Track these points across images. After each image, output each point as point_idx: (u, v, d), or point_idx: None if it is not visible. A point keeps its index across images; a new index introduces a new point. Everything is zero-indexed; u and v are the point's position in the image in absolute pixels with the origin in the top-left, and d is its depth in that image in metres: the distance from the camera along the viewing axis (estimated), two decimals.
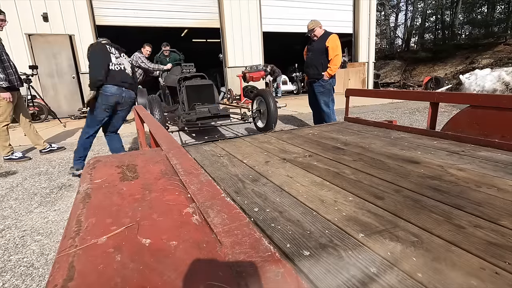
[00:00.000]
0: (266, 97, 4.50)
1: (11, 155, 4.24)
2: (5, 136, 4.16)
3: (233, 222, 0.50)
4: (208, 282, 0.38)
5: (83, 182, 0.67)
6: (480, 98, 2.04)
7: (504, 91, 8.49)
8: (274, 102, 4.44)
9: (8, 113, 4.03)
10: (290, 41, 13.67)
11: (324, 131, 2.66)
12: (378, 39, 26.38)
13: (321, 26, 4.26)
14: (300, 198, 1.26)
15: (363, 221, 1.04)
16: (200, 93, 4.59)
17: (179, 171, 0.71)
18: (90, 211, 0.55)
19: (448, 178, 1.40)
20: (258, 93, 4.85)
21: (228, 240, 0.46)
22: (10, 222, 2.44)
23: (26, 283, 1.70)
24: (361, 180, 1.42)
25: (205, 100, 4.59)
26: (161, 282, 0.40)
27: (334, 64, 4.13)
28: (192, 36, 14.57)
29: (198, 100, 4.54)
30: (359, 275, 0.76)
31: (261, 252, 0.42)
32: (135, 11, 8.76)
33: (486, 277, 0.74)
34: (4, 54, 3.87)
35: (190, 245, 0.47)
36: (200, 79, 4.73)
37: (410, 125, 5.54)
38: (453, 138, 2.12)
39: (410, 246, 0.87)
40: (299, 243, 0.92)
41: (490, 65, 13.25)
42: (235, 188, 1.42)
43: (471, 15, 22.55)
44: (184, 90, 4.48)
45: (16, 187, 3.23)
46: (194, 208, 0.56)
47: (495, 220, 1.00)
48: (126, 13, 8.73)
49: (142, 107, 2.72)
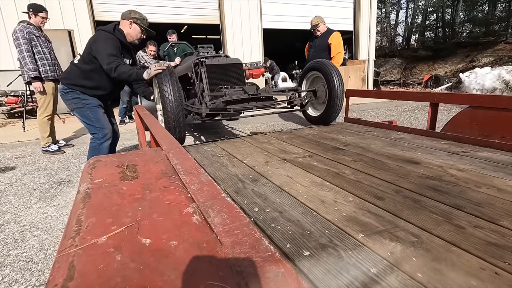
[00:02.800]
0: (327, 70, 2.86)
1: (48, 147, 4.34)
2: (45, 127, 4.27)
3: (233, 222, 0.50)
4: (208, 282, 0.38)
5: (83, 182, 0.67)
6: (480, 99, 2.04)
7: (504, 89, 8.48)
8: (339, 79, 2.81)
9: (47, 105, 4.19)
10: (290, 38, 13.63)
11: (324, 131, 2.66)
12: (379, 36, 26.31)
13: (324, 22, 4.25)
14: (300, 198, 1.26)
15: (363, 221, 1.04)
16: (226, 75, 3.34)
17: (179, 171, 0.70)
18: (90, 211, 0.55)
19: (448, 179, 1.40)
20: (312, 66, 3.09)
21: (228, 240, 0.45)
22: (9, 217, 2.44)
23: (26, 278, 1.70)
24: (361, 181, 1.42)
25: (233, 84, 3.30)
26: (161, 282, 0.39)
27: (336, 62, 4.13)
28: (192, 33, 14.51)
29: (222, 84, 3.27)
30: (359, 275, 0.76)
31: (261, 252, 0.42)
32: (135, 7, 8.71)
33: (486, 277, 0.74)
34: (44, 47, 4.08)
35: (190, 245, 0.46)
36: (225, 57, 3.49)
37: (410, 123, 5.55)
38: (453, 139, 2.12)
39: (410, 247, 0.88)
40: (299, 243, 0.92)
41: (490, 64, 13.24)
42: (235, 188, 1.42)
43: (472, 13, 22.49)
44: (205, 71, 3.20)
45: (15, 183, 3.23)
46: (194, 208, 0.56)
47: (495, 220, 1.00)
48: (125, 8, 8.68)
49: (142, 107, 2.72)
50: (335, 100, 2.81)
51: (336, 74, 2.80)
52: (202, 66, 3.25)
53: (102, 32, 2.61)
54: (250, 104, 2.90)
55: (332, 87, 2.79)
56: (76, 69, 2.67)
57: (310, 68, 3.12)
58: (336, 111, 2.89)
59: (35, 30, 4.01)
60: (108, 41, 2.54)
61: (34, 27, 4.02)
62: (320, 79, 3.05)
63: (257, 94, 2.90)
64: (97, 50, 2.53)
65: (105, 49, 2.51)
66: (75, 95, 2.66)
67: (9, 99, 7.55)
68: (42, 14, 4.08)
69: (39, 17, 4.06)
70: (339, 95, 2.80)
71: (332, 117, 2.93)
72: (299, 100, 3.17)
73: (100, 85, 2.71)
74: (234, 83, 3.32)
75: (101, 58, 2.50)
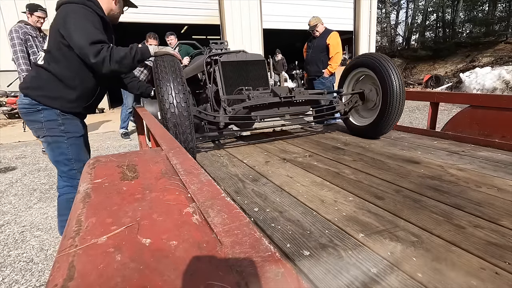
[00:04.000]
0: (381, 65, 2.19)
1: None
2: None
3: (233, 222, 0.50)
4: (208, 282, 0.38)
5: (83, 182, 0.67)
6: (480, 98, 2.04)
7: (504, 89, 8.48)
8: (399, 76, 2.17)
9: None
10: (291, 38, 13.63)
11: (324, 131, 2.66)
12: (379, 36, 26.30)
13: (322, 22, 4.25)
14: (300, 198, 1.26)
15: (363, 221, 1.04)
16: (246, 74, 2.71)
17: (179, 171, 0.70)
18: (90, 211, 0.55)
19: (448, 178, 1.40)
20: (360, 62, 2.44)
21: (228, 240, 0.45)
22: (9, 218, 2.44)
23: (26, 278, 1.70)
24: (361, 180, 1.42)
25: (255, 85, 2.66)
26: (161, 282, 0.39)
27: (334, 62, 4.14)
28: (192, 33, 14.52)
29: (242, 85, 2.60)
30: (359, 275, 0.76)
31: (261, 252, 0.42)
32: None
33: (486, 277, 0.74)
34: (40, 48, 3.98)
35: (190, 245, 0.46)
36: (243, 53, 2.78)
37: (410, 123, 5.56)
38: (453, 138, 2.12)
39: (410, 246, 0.88)
40: (299, 243, 0.92)
41: (490, 64, 13.24)
42: (235, 188, 1.42)
43: (472, 13, 22.49)
44: (219, 70, 2.58)
45: (16, 183, 3.23)
46: (194, 208, 0.56)
47: (495, 220, 1.00)
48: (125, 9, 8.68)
49: (142, 107, 2.69)
50: (394, 104, 2.12)
51: (395, 70, 2.16)
52: (216, 65, 2.63)
53: (72, 5, 1.60)
54: (281, 110, 2.22)
55: (390, 87, 2.12)
56: (45, 74, 1.65)
57: (356, 65, 2.46)
58: (394, 119, 2.20)
59: (32, 30, 3.98)
60: (87, 18, 1.59)
61: (32, 27, 3.99)
62: (369, 79, 2.41)
63: (291, 96, 2.19)
64: (71, 34, 1.54)
65: (84, 32, 1.54)
66: (51, 116, 1.67)
67: (9, 100, 7.56)
68: (38, 13, 4.02)
69: (35, 16, 4.01)
70: (400, 98, 2.12)
71: (387, 127, 2.26)
72: (342, 105, 2.47)
73: (84, 92, 1.74)
74: (256, 85, 2.67)
75: (81, 47, 1.53)
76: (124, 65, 1.64)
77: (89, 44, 1.52)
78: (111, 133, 5.79)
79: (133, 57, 1.65)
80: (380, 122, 2.23)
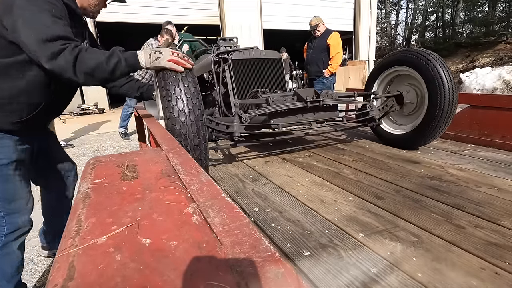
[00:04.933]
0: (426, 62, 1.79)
1: None
2: None
3: (233, 222, 0.50)
4: (208, 282, 0.38)
5: (83, 182, 0.67)
6: (480, 98, 2.04)
7: (504, 90, 8.48)
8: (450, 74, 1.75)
9: None
10: (291, 38, 13.63)
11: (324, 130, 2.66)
12: (379, 37, 26.31)
13: (323, 23, 4.26)
14: (300, 198, 1.26)
15: (363, 221, 1.04)
16: (260, 74, 2.36)
17: (179, 171, 0.70)
18: (90, 211, 0.55)
19: (448, 178, 1.40)
20: (396, 59, 2.04)
21: (228, 240, 0.45)
22: None
23: (26, 279, 1.70)
24: (361, 180, 1.43)
25: (271, 86, 2.34)
26: (161, 282, 0.39)
27: (335, 62, 4.14)
28: (192, 33, 14.54)
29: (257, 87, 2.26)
30: (359, 275, 0.76)
31: (261, 252, 0.42)
32: (135, 7, 8.72)
33: (486, 277, 0.74)
34: None
35: (190, 245, 0.46)
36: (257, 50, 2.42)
37: None
38: (453, 138, 2.12)
39: (410, 246, 0.88)
40: (299, 243, 0.92)
41: (490, 64, 13.24)
42: (235, 188, 1.42)
43: (472, 13, 22.50)
44: (230, 69, 2.23)
45: None
46: (194, 208, 0.56)
47: (495, 220, 1.00)
48: (126, 9, 8.68)
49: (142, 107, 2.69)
50: (444, 109, 1.72)
51: (445, 67, 1.74)
52: (225, 63, 2.28)
53: None
54: (306, 117, 1.86)
55: (440, 88, 1.71)
56: None
57: (391, 63, 2.04)
58: (442, 127, 1.79)
59: None
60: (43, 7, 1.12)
61: None
62: (406, 79, 2.03)
63: (319, 100, 1.82)
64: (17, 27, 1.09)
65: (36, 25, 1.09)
66: None
67: None
68: None
69: None
70: (451, 102, 1.72)
71: (433, 136, 1.83)
72: (377, 110, 2.05)
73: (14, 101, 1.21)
74: (272, 86, 2.34)
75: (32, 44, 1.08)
76: (97, 78, 1.17)
77: (41, 41, 1.07)
78: (111, 134, 5.79)
79: (111, 69, 1.17)
80: (426, 130, 1.81)
